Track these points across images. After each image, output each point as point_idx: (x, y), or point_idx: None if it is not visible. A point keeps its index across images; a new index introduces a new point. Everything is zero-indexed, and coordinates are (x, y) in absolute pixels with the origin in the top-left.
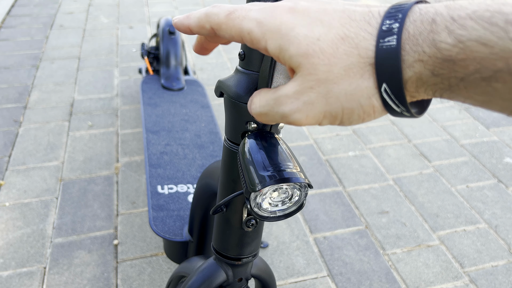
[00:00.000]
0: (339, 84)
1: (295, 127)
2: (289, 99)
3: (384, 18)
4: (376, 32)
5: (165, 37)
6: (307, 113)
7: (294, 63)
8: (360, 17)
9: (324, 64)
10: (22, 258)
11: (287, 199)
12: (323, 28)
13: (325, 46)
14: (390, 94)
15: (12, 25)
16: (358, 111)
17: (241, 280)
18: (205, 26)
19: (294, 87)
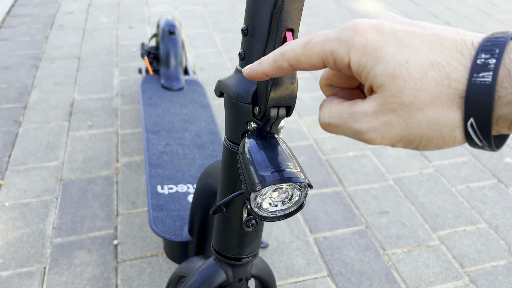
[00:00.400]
0: (423, 111)
1: (295, 126)
2: (367, 117)
3: (478, 51)
4: (469, 64)
5: (165, 37)
6: (384, 133)
7: (377, 82)
8: (452, 44)
9: (410, 88)
10: (22, 258)
11: (287, 199)
12: (412, 51)
13: (414, 70)
14: (476, 129)
15: (12, 25)
16: (438, 140)
17: (241, 280)
18: (283, 66)
19: (374, 107)
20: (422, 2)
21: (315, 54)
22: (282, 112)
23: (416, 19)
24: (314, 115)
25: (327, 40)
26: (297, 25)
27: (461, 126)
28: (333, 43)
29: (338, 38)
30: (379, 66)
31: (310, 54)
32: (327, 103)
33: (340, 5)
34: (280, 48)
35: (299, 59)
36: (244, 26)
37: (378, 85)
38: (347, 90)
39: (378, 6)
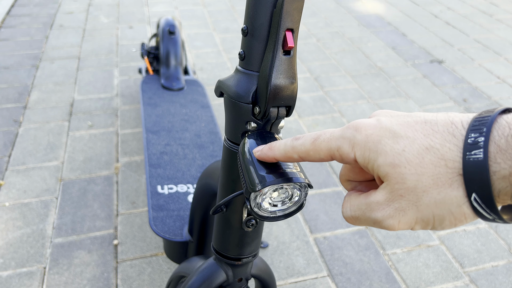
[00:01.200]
0: (428, 192)
1: (295, 126)
2: (380, 205)
3: (468, 131)
4: (461, 144)
5: (165, 37)
6: (399, 219)
7: (382, 172)
8: (443, 128)
9: (411, 174)
10: (22, 258)
11: (287, 199)
12: (408, 140)
13: (411, 156)
14: (480, 204)
15: (12, 25)
16: (449, 217)
17: (241, 280)
18: (293, 157)
19: (385, 195)
20: (422, 2)
21: (323, 150)
22: (282, 112)
23: (416, 19)
24: (314, 115)
25: (333, 138)
26: (297, 25)
27: (467, 202)
28: (338, 141)
29: (342, 136)
30: (380, 158)
31: (318, 150)
32: (347, 197)
33: (340, 5)
34: (291, 142)
35: (309, 153)
36: (244, 26)
37: (383, 175)
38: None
39: (378, 6)
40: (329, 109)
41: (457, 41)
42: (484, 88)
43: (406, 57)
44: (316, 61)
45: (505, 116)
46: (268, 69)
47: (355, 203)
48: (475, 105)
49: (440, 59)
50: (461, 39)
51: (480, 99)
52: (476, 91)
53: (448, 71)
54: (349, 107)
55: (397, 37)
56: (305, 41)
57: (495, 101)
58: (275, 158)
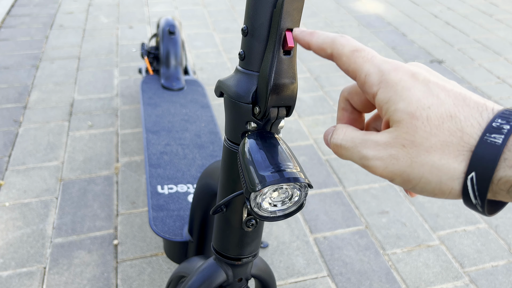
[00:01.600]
0: (430, 153)
1: (295, 126)
2: (377, 146)
3: (496, 116)
4: (485, 124)
5: (165, 37)
6: (387, 165)
7: (396, 117)
8: (474, 105)
9: (424, 131)
10: (22, 258)
11: (287, 199)
12: (437, 100)
13: (433, 116)
14: (474, 184)
15: (12, 25)
16: (435, 185)
17: (241, 280)
18: (326, 50)
19: (386, 138)
20: (422, 2)
21: (355, 64)
22: (282, 112)
23: (416, 19)
24: (314, 115)
25: (370, 62)
26: (297, 25)
27: (461, 178)
28: (372, 68)
29: (378, 66)
30: (402, 103)
31: (351, 62)
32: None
33: (340, 5)
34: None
35: (341, 57)
36: (244, 26)
37: (396, 119)
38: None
39: (378, 6)
40: (329, 109)
41: (457, 41)
42: (484, 88)
43: (406, 57)
44: (316, 61)
45: None
46: (268, 69)
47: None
48: None
49: (440, 59)
50: (461, 39)
51: None
52: (476, 91)
53: (448, 71)
54: None
55: (397, 37)
56: None
57: (495, 101)
58: (309, 43)
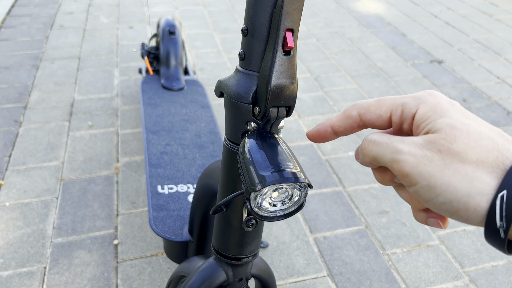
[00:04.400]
0: (465, 164)
1: (295, 127)
2: (413, 143)
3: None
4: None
5: (165, 37)
6: (418, 164)
7: (435, 124)
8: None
9: (463, 142)
10: (22, 258)
11: (287, 199)
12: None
13: (472, 130)
14: (503, 203)
15: (12, 25)
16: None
17: (241, 280)
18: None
19: (424, 140)
20: (422, 2)
21: (386, 105)
22: (282, 112)
23: (416, 19)
24: (314, 115)
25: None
26: (297, 25)
27: (491, 195)
28: (406, 98)
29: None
30: (442, 119)
31: (381, 105)
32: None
33: (340, 5)
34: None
35: (370, 108)
36: (244, 26)
37: (435, 128)
38: None
39: (378, 6)
40: (329, 109)
41: (457, 41)
42: (484, 88)
43: (406, 57)
44: (316, 61)
45: None
46: (268, 69)
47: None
48: (475, 105)
49: (440, 59)
50: (461, 39)
51: (480, 99)
52: (476, 91)
53: (448, 71)
54: None
55: (397, 37)
56: (305, 41)
57: (495, 101)
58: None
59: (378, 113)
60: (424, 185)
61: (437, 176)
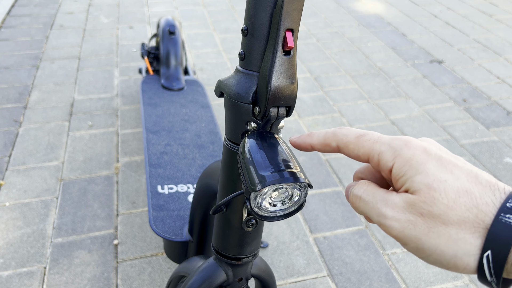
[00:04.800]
0: (447, 226)
1: (295, 126)
2: (396, 207)
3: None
4: (498, 204)
5: (165, 37)
6: (404, 229)
7: (414, 187)
8: (486, 183)
9: (443, 203)
10: (22, 258)
11: (287, 199)
12: (452, 176)
13: (450, 189)
14: (490, 262)
15: (12, 25)
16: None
17: (241, 280)
18: (331, 144)
19: (406, 203)
20: (422, 2)
21: (364, 148)
22: (282, 112)
23: (416, 19)
24: (314, 115)
25: (379, 142)
26: (297, 25)
27: (477, 255)
28: (383, 147)
29: (389, 144)
30: (419, 176)
31: (360, 147)
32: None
33: (340, 5)
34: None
35: (348, 146)
36: (244, 26)
37: (414, 189)
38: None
39: (378, 6)
40: (329, 109)
41: (457, 41)
42: (484, 88)
43: (406, 57)
44: (316, 61)
45: None
46: (268, 69)
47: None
48: (475, 105)
49: (440, 59)
50: (461, 39)
51: (480, 99)
52: (476, 91)
53: (448, 71)
54: (349, 107)
55: (397, 37)
56: (305, 41)
57: (495, 101)
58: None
59: (356, 153)
60: (413, 247)
61: (424, 240)
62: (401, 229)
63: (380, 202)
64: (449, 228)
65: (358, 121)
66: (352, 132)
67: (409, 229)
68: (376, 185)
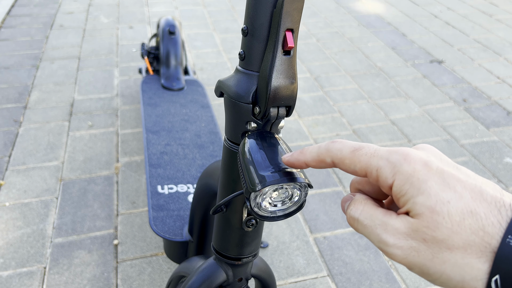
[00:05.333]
0: (453, 251)
1: (295, 126)
2: (397, 233)
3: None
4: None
5: (165, 37)
6: (407, 256)
7: (416, 209)
8: (491, 200)
9: (446, 227)
10: (22, 258)
11: (287, 199)
12: (455, 194)
13: (454, 211)
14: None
15: (12, 25)
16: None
17: (241, 280)
18: (325, 160)
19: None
20: (422, 2)
21: (361, 163)
22: (282, 112)
23: (416, 19)
24: (314, 115)
25: (376, 156)
26: (297, 25)
27: (485, 279)
28: (381, 161)
29: (387, 158)
30: (421, 197)
31: (356, 162)
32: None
33: (340, 5)
34: (326, 144)
35: (344, 161)
36: (244, 26)
37: (416, 213)
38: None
39: (378, 6)
40: (329, 109)
41: (457, 41)
42: (484, 88)
43: (406, 57)
44: (316, 61)
45: None
46: (268, 69)
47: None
48: (475, 105)
49: (440, 59)
50: (461, 39)
51: (480, 99)
52: (476, 91)
53: (448, 71)
54: (349, 107)
55: (397, 37)
56: (305, 41)
57: (495, 101)
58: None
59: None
60: (418, 272)
61: (429, 265)
62: (404, 256)
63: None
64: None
65: (358, 121)
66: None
67: (413, 256)
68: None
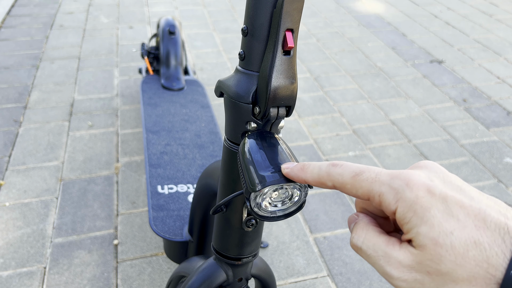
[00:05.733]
0: (457, 284)
1: (295, 126)
2: (401, 266)
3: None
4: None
5: (165, 37)
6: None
7: (419, 241)
8: (495, 227)
9: (450, 260)
10: (22, 258)
11: (287, 199)
12: (458, 224)
13: (457, 243)
14: None
15: (12, 25)
16: None
17: (241, 280)
18: (326, 184)
19: (411, 261)
20: (422, 2)
21: (363, 189)
22: (282, 112)
23: (416, 19)
24: (314, 115)
25: (378, 182)
26: (297, 25)
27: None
28: (383, 187)
29: (389, 184)
30: (424, 227)
31: (357, 187)
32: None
33: (340, 5)
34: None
35: (345, 186)
36: (244, 26)
37: (419, 244)
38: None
39: (378, 6)
40: (329, 109)
41: (457, 41)
42: (484, 88)
43: (406, 57)
44: (316, 61)
45: None
46: (268, 69)
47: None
48: (475, 105)
49: (440, 59)
50: (461, 39)
51: (480, 99)
52: (476, 91)
53: (448, 71)
54: (349, 107)
55: (397, 37)
56: (305, 41)
57: (495, 101)
58: (305, 180)
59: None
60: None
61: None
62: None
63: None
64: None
65: (358, 121)
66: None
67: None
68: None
